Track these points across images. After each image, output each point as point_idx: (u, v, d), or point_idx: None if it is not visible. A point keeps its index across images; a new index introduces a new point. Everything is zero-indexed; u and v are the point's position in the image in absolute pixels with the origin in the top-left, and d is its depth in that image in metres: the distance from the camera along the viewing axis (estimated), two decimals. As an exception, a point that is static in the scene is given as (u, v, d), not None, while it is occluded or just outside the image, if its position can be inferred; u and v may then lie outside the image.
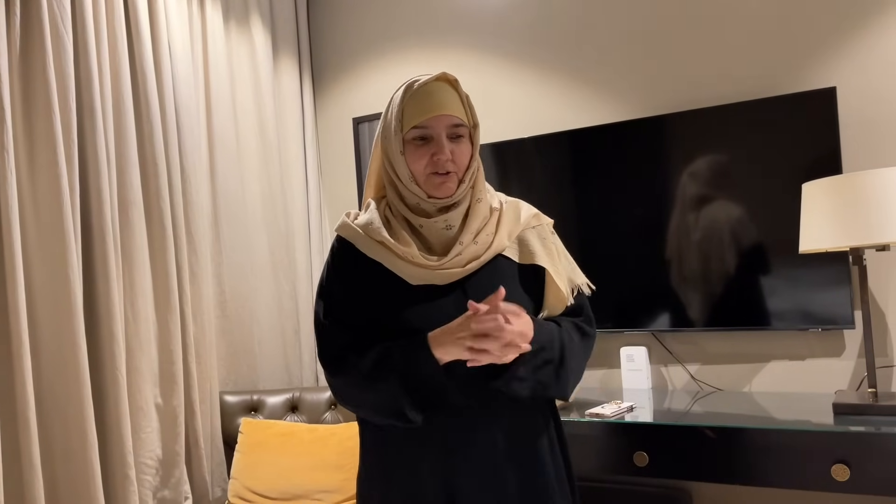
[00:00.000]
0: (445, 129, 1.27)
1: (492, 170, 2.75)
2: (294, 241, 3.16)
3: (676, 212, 2.45)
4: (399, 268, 1.28)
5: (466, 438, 1.26)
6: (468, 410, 1.26)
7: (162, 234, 2.52)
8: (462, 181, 1.30)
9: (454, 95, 1.29)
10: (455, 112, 1.27)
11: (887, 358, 2.26)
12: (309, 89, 3.28)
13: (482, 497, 1.25)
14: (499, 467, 1.26)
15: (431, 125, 1.26)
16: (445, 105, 1.26)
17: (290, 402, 2.73)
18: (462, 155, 1.29)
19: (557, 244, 1.42)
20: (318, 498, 2.40)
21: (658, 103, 2.59)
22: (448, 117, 1.27)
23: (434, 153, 1.26)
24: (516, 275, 1.35)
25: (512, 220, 1.38)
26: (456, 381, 1.22)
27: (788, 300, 2.29)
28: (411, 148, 1.27)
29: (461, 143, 1.29)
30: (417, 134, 1.27)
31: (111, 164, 2.35)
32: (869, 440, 1.77)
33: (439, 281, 1.28)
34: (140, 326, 2.43)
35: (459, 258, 1.29)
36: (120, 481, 2.29)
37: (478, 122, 1.33)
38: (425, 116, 1.25)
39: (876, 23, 2.27)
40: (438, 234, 1.30)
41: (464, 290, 1.30)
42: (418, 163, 1.27)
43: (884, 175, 1.82)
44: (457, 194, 1.29)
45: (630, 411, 2.17)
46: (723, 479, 1.94)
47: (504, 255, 1.35)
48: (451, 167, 1.27)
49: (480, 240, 1.31)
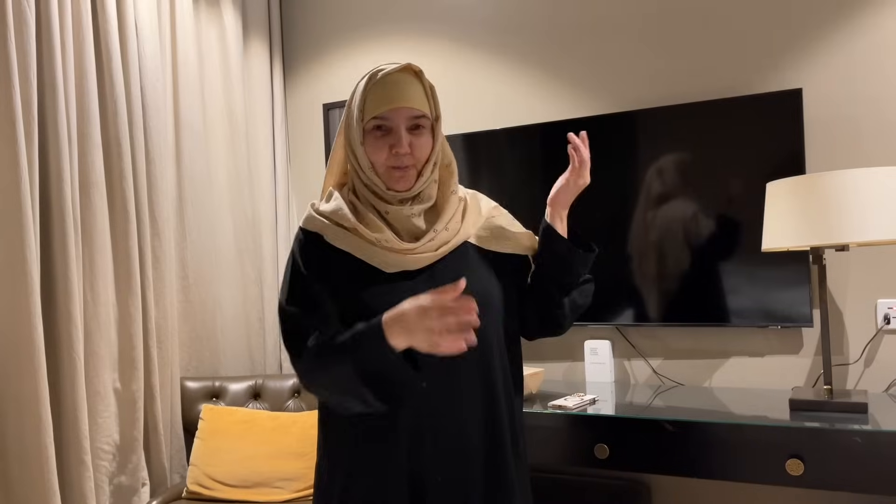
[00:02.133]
0: (405, 121, 1.25)
1: (463, 160, 2.75)
2: (260, 227, 3.12)
3: (642, 207, 2.47)
4: (370, 255, 1.27)
5: (432, 424, 1.26)
6: (433, 394, 1.26)
7: (124, 216, 2.47)
8: (421, 174, 1.29)
9: (418, 86, 1.28)
10: (417, 104, 1.26)
11: (843, 356, 2.30)
12: (279, 74, 3.24)
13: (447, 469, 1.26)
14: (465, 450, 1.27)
15: (391, 117, 1.25)
16: (407, 97, 1.25)
17: (252, 390, 2.71)
18: (422, 147, 1.28)
19: (516, 221, 1.44)
20: (279, 486, 2.39)
21: (627, 99, 2.60)
22: (408, 109, 1.25)
23: (393, 145, 1.25)
24: (482, 259, 1.36)
25: (475, 211, 1.40)
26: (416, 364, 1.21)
27: (749, 297, 2.32)
28: (371, 139, 1.27)
29: (421, 135, 1.28)
30: (377, 124, 1.26)
31: (72, 144, 2.30)
32: (823, 436, 1.81)
33: (411, 266, 1.28)
34: (100, 309, 2.38)
35: (432, 243, 1.30)
36: (75, 466, 2.25)
37: (440, 114, 1.32)
38: (385, 108, 1.24)
39: (842, 27, 2.30)
40: (404, 222, 1.30)
41: (432, 275, 1.30)
42: (377, 154, 1.26)
43: (845, 176, 1.85)
44: (415, 187, 1.29)
45: (592, 404, 2.18)
46: (681, 472, 1.97)
47: (470, 242, 1.36)
48: (409, 160, 1.26)
49: (450, 227, 1.32)
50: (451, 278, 1.29)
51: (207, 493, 2.38)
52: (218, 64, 2.97)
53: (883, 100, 2.25)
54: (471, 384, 1.28)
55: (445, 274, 1.30)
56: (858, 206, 1.83)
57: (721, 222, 2.36)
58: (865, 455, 1.76)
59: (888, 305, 2.24)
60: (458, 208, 1.36)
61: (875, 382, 2.26)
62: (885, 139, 2.25)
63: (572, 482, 2.56)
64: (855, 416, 1.89)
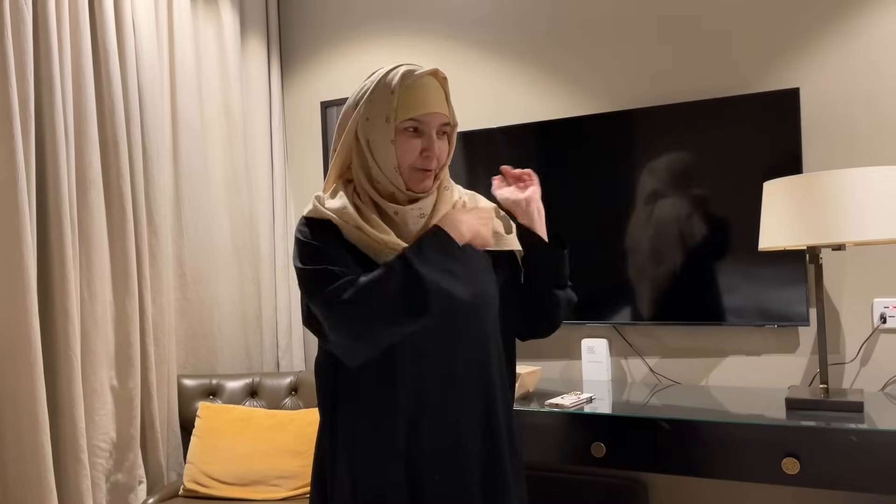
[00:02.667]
0: (437, 126, 1.28)
1: (460, 159, 2.75)
2: (258, 225, 3.12)
3: (640, 206, 2.47)
4: (377, 253, 1.27)
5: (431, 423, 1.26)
6: (433, 393, 1.26)
7: (122, 214, 2.47)
8: (437, 177, 1.31)
9: (443, 94, 1.30)
10: (446, 112, 1.29)
11: (839, 355, 2.31)
12: (277, 71, 3.23)
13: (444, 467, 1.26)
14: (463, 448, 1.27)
15: (428, 121, 1.26)
16: (440, 102, 1.27)
17: (249, 388, 2.71)
18: (444, 152, 1.31)
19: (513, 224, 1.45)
20: (276, 483, 2.39)
21: (624, 98, 2.61)
22: (441, 115, 1.28)
23: (425, 148, 1.26)
24: (481, 260, 1.37)
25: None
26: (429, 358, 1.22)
27: (746, 297, 2.33)
28: (403, 138, 1.26)
29: (445, 140, 1.31)
30: (413, 126, 1.26)
31: (69, 142, 2.30)
32: (819, 435, 1.81)
33: None
34: (97, 307, 2.38)
35: None
36: (72, 464, 2.25)
37: (457, 123, 1.35)
38: (423, 111, 1.25)
39: (840, 26, 2.31)
40: (414, 222, 1.29)
41: None
42: (408, 155, 1.26)
43: (842, 176, 1.86)
44: (432, 189, 1.31)
45: (589, 402, 2.19)
46: (677, 470, 1.97)
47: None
48: (436, 165, 1.29)
49: None
50: None
51: (204, 491, 2.38)
52: (215, 62, 2.97)
53: (880, 99, 2.25)
54: (470, 383, 1.29)
55: None
56: (855, 205, 1.83)
57: (718, 221, 2.37)
58: (861, 454, 1.77)
59: (884, 305, 2.24)
60: (457, 206, 1.36)
61: (871, 381, 2.27)
62: (882, 138, 2.25)
63: (569, 480, 2.57)
64: (851, 415, 1.90)
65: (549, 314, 1.42)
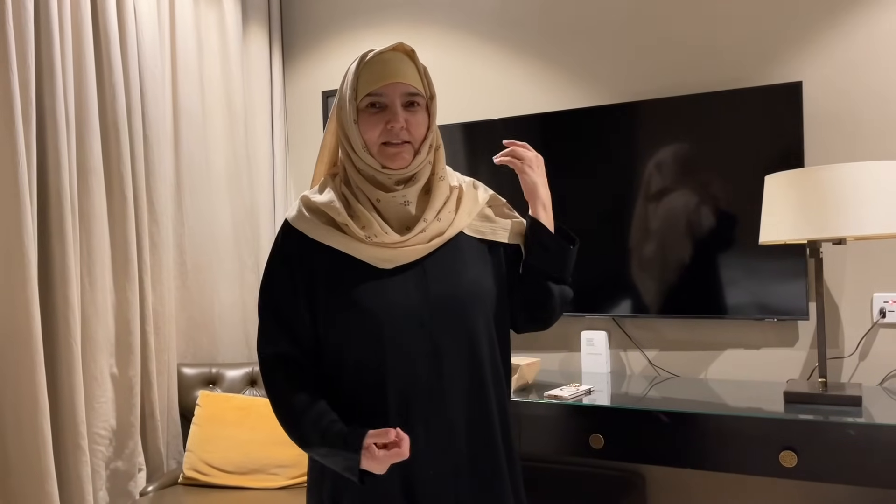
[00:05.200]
0: (400, 98, 1.24)
1: (461, 149, 2.75)
2: (258, 214, 3.12)
3: (641, 199, 2.47)
4: (360, 251, 1.26)
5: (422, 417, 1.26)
6: (423, 388, 1.26)
7: (122, 202, 2.47)
8: (418, 152, 1.27)
9: (410, 65, 1.27)
10: (411, 81, 1.25)
11: (838, 349, 2.31)
12: (278, 61, 3.23)
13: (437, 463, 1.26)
14: (455, 442, 1.27)
15: (386, 92, 1.24)
16: (401, 73, 1.24)
17: (249, 377, 2.71)
18: (418, 125, 1.26)
19: (513, 211, 1.43)
20: (275, 472, 2.40)
21: (627, 90, 2.60)
22: (403, 85, 1.24)
23: (388, 121, 1.24)
24: (477, 251, 1.35)
25: (471, 198, 1.37)
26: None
27: (746, 290, 2.33)
28: (365, 116, 1.25)
29: (417, 112, 1.26)
30: (371, 101, 1.24)
31: (70, 130, 2.29)
32: (817, 428, 1.81)
33: (403, 259, 1.27)
34: (97, 295, 2.38)
35: (423, 234, 1.28)
36: (72, 451, 2.25)
37: (435, 93, 1.31)
38: (379, 84, 1.23)
39: (843, 20, 2.30)
40: (396, 210, 1.28)
41: (424, 269, 1.29)
42: (372, 131, 1.24)
43: (844, 170, 1.85)
44: (412, 166, 1.27)
45: (588, 394, 2.19)
46: (675, 463, 1.98)
47: (465, 233, 1.35)
48: (406, 136, 1.25)
49: (443, 217, 1.30)
50: (442, 272, 1.28)
51: (204, 479, 2.39)
52: (217, 50, 2.96)
53: (883, 94, 2.24)
54: (460, 377, 1.27)
55: (437, 268, 1.29)
56: (856, 199, 1.83)
57: (719, 214, 2.37)
58: (859, 448, 1.77)
59: (884, 299, 2.25)
60: (452, 197, 1.33)
61: (870, 376, 2.27)
62: (884, 133, 2.24)
63: (567, 472, 2.58)
64: (849, 409, 1.90)
65: (543, 306, 1.39)
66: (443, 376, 1.26)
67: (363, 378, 1.26)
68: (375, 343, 1.24)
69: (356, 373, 1.26)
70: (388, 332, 1.24)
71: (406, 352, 1.24)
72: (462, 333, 1.28)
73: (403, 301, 1.25)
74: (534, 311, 1.41)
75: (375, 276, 1.26)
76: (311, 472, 1.35)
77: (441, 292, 1.27)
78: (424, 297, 1.26)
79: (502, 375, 1.36)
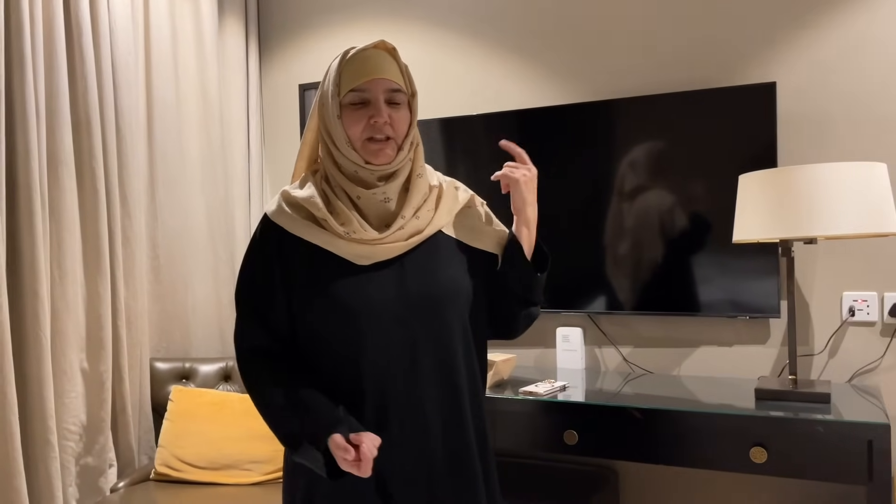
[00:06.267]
0: (383, 93, 1.25)
1: (438, 145, 2.74)
2: (233, 207, 3.09)
3: (616, 196, 2.49)
4: (339, 247, 1.26)
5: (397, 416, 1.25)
6: (398, 388, 1.25)
7: (94, 194, 2.43)
8: (401, 148, 1.28)
9: (392, 62, 1.28)
10: (393, 77, 1.26)
11: (808, 347, 2.35)
12: (255, 53, 3.19)
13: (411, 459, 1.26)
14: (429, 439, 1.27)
15: (369, 88, 1.25)
16: (383, 69, 1.25)
17: (223, 372, 2.69)
18: (400, 121, 1.27)
19: (493, 217, 1.43)
20: (249, 468, 2.38)
21: (603, 89, 2.61)
22: (386, 81, 1.25)
23: (371, 116, 1.24)
24: (455, 250, 1.35)
25: (451, 198, 1.37)
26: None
27: (719, 288, 2.35)
28: (348, 111, 1.26)
29: (399, 109, 1.27)
30: (355, 97, 1.25)
31: (41, 120, 2.25)
32: (786, 425, 1.84)
33: (381, 256, 1.27)
34: (67, 288, 2.35)
35: (402, 232, 1.28)
36: (40, 446, 2.22)
37: (416, 90, 1.32)
38: (362, 79, 1.24)
39: (816, 23, 2.32)
40: (376, 207, 1.28)
41: (402, 266, 1.29)
42: (355, 126, 1.25)
43: (816, 171, 1.88)
44: (395, 162, 1.27)
45: (563, 391, 2.20)
46: (648, 459, 2.00)
47: (444, 232, 1.35)
48: (389, 132, 1.26)
49: (421, 215, 1.31)
50: (420, 270, 1.28)
51: (176, 475, 2.37)
52: (192, 41, 2.92)
53: (855, 95, 2.28)
54: (436, 375, 1.27)
55: (415, 265, 1.29)
56: (827, 200, 1.86)
57: (693, 213, 2.39)
58: (827, 444, 1.80)
59: (853, 298, 2.28)
60: (431, 196, 1.33)
61: (838, 373, 2.31)
62: (855, 134, 2.28)
63: (541, 468, 2.59)
64: (818, 405, 1.93)
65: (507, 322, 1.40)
66: (419, 372, 1.26)
67: (339, 374, 1.26)
68: (352, 339, 1.24)
69: (332, 368, 1.26)
70: (364, 328, 1.24)
71: (382, 348, 1.24)
72: (438, 331, 1.28)
73: (380, 297, 1.25)
74: (496, 325, 1.41)
75: (353, 273, 1.26)
76: (287, 467, 1.34)
77: (418, 289, 1.27)
78: (401, 294, 1.26)
79: (478, 374, 1.36)
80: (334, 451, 1.15)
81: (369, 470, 1.13)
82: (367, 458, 1.13)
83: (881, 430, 1.75)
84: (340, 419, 1.19)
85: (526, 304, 1.39)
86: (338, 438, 1.15)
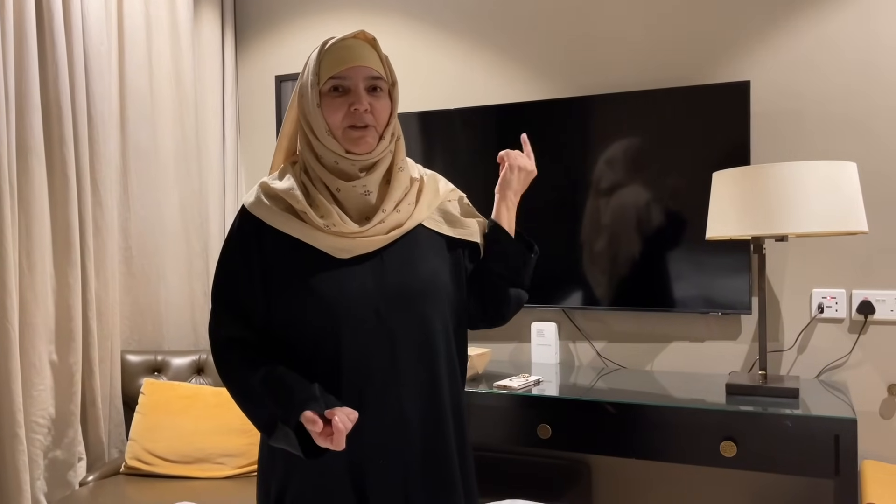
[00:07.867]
0: (363, 81, 1.24)
1: (416, 139, 2.73)
2: (208, 198, 3.06)
3: (591, 193, 2.50)
4: (318, 240, 1.25)
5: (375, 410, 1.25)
6: (376, 381, 1.25)
7: (64, 183, 2.39)
8: (382, 138, 1.27)
9: (372, 51, 1.27)
10: (373, 65, 1.25)
11: (778, 343, 2.38)
12: (231, 43, 3.16)
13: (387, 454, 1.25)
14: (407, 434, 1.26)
15: (349, 75, 1.24)
16: (363, 57, 1.24)
17: (195, 365, 2.66)
18: (381, 110, 1.26)
19: (473, 209, 1.44)
20: (221, 462, 2.36)
21: (580, 85, 2.62)
22: (366, 69, 1.24)
23: (352, 104, 1.23)
24: (435, 244, 1.34)
25: (432, 191, 1.37)
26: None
27: (692, 284, 2.38)
28: (328, 100, 1.24)
29: (380, 97, 1.26)
30: (334, 84, 1.24)
31: (10, 106, 2.21)
32: (756, 419, 1.87)
33: (361, 250, 1.26)
34: (36, 279, 2.31)
35: (382, 225, 1.27)
36: (8, 440, 2.18)
37: (396, 80, 1.31)
38: (342, 67, 1.23)
39: (790, 23, 2.35)
40: (356, 200, 1.27)
41: (381, 260, 1.28)
42: (335, 114, 1.24)
43: (787, 169, 1.90)
44: (376, 151, 1.26)
45: (537, 385, 2.22)
46: (621, 452, 2.02)
47: (424, 225, 1.34)
48: (370, 120, 1.24)
49: (402, 208, 1.30)
50: (399, 264, 1.27)
51: (147, 469, 2.34)
52: (167, 30, 2.88)
53: (827, 95, 2.31)
54: (415, 369, 1.27)
55: (395, 259, 1.28)
56: (799, 198, 1.88)
57: (668, 210, 2.41)
58: (795, 438, 1.83)
59: (822, 295, 2.32)
60: (412, 189, 1.33)
61: (807, 369, 2.35)
62: (827, 133, 2.31)
63: (515, 461, 2.60)
64: (787, 400, 1.96)
65: (497, 308, 1.41)
66: (397, 367, 1.26)
67: (317, 367, 1.25)
68: (330, 332, 1.23)
69: (310, 361, 1.25)
70: (343, 321, 1.23)
71: (361, 342, 1.24)
72: (417, 325, 1.27)
73: (359, 291, 1.24)
74: (486, 311, 1.41)
75: (332, 266, 1.25)
76: (261, 462, 1.33)
77: (398, 283, 1.26)
78: (381, 288, 1.26)
79: (457, 370, 1.36)
80: (307, 427, 1.13)
81: (342, 443, 1.11)
82: (339, 430, 1.10)
83: (848, 424, 1.79)
84: (315, 396, 1.17)
85: (514, 286, 1.41)
86: (309, 414, 1.12)
